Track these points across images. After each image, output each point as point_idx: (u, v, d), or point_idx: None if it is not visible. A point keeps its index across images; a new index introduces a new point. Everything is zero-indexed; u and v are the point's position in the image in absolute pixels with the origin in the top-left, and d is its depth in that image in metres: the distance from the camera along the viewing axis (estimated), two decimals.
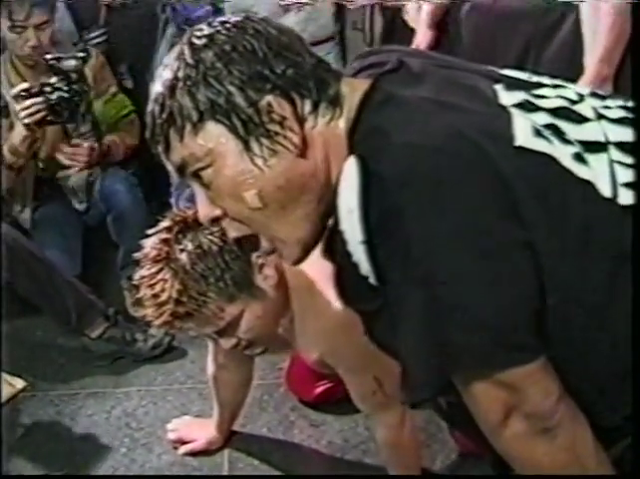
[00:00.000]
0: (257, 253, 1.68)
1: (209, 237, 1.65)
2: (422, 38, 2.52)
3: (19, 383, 2.41)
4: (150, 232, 1.71)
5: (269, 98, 1.05)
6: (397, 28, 2.86)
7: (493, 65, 1.99)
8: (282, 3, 2.85)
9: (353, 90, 1.10)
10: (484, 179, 1.00)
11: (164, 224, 1.69)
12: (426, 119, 1.03)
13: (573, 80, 2.09)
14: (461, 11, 2.39)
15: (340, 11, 2.96)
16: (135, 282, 1.70)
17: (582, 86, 2.02)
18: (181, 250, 1.65)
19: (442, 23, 2.55)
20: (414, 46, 2.53)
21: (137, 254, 1.70)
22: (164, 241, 1.66)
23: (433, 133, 1.01)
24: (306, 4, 2.85)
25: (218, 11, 3.09)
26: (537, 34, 2.20)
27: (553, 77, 2.08)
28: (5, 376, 2.33)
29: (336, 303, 1.57)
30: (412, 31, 2.71)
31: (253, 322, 1.73)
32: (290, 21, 2.84)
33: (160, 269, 1.65)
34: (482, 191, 1.00)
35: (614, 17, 2.05)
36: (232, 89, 1.04)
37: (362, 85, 1.10)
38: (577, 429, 1.06)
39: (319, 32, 2.90)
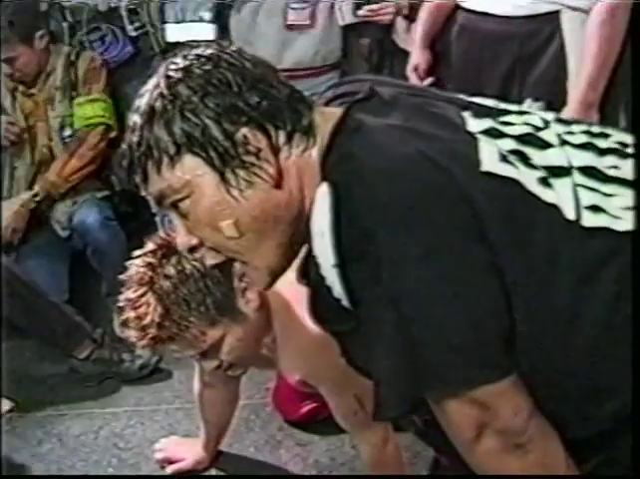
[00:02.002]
0: (240, 277, 1.70)
1: (193, 262, 1.66)
2: (420, 59, 2.54)
3: (6, 404, 2.42)
4: (135, 253, 1.72)
5: (245, 130, 1.07)
6: (386, 48, 2.90)
7: (480, 87, 2.03)
8: (287, 23, 2.87)
9: (326, 119, 1.13)
10: (452, 202, 1.03)
11: (149, 246, 1.71)
12: (395, 145, 1.06)
13: (557, 102, 2.14)
14: (451, 33, 2.42)
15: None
16: (120, 304, 1.72)
17: (569, 112, 2.07)
18: (165, 276, 1.67)
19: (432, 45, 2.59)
20: (411, 67, 2.55)
21: (122, 276, 1.72)
22: (149, 266, 1.68)
23: (402, 158, 1.04)
24: (308, 27, 2.87)
25: (139, 53, 3.16)
26: (522, 57, 2.22)
27: (536, 99, 2.14)
28: None
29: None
30: (401, 51, 2.74)
31: (235, 345, 1.75)
32: (303, 44, 2.88)
33: (144, 293, 1.66)
34: (450, 214, 1.02)
35: (600, 43, 2.09)
36: (208, 122, 1.07)
37: (334, 114, 1.13)
38: (549, 445, 1.08)
39: (329, 56, 2.93)
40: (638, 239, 1.07)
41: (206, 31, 2.97)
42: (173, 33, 3.02)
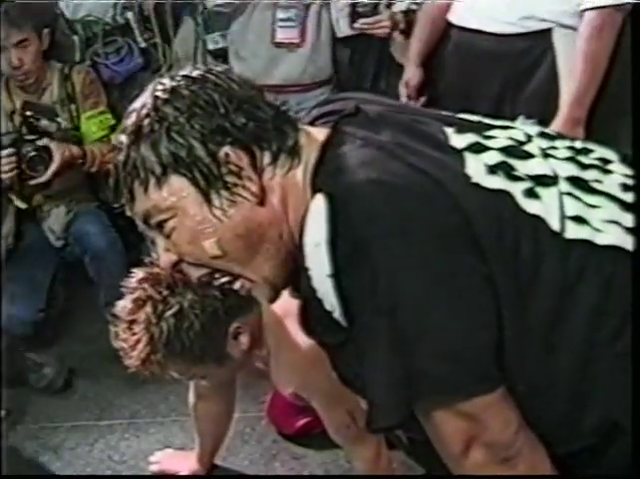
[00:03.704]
0: (237, 324, 1.70)
1: (195, 311, 1.64)
2: (411, 76, 2.57)
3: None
4: (140, 272, 1.69)
5: (226, 149, 1.09)
6: (385, 64, 2.91)
7: (473, 104, 2.05)
8: (275, 41, 2.87)
9: (311, 139, 1.14)
10: (447, 214, 1.04)
11: (156, 270, 1.67)
12: (388, 158, 1.08)
13: (549, 120, 2.16)
14: (444, 51, 2.44)
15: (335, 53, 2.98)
16: (115, 314, 1.71)
17: (555, 128, 2.09)
18: (163, 319, 1.65)
19: (427, 61, 2.61)
20: (403, 83, 2.58)
21: (121, 287, 1.70)
22: (150, 299, 1.65)
23: (395, 170, 1.06)
24: (297, 45, 2.88)
25: (147, 65, 3.17)
26: (515, 75, 2.25)
27: (528, 117, 2.15)
28: None
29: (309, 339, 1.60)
30: (400, 66, 2.75)
31: (216, 380, 1.82)
32: (291, 62, 2.89)
33: (137, 323, 1.66)
34: (445, 225, 1.04)
35: (586, 59, 2.11)
36: (194, 142, 1.09)
37: (320, 132, 1.15)
38: (536, 458, 1.09)
39: (318, 74, 2.93)
40: (638, 255, 1.08)
41: None
42: (216, 41, 3.03)
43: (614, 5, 2.06)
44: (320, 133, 1.15)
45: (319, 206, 1.06)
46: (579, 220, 1.09)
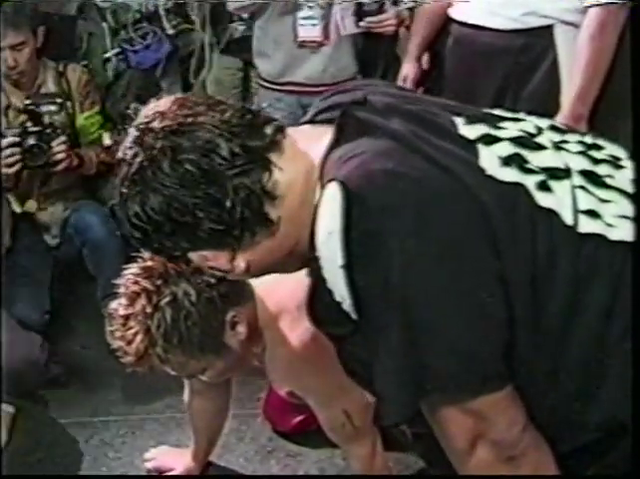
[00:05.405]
0: (233, 313, 1.69)
1: (190, 299, 1.63)
2: (409, 70, 2.57)
3: (9, 408, 2.40)
4: (132, 268, 1.68)
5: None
6: (391, 63, 2.89)
7: (474, 100, 2.04)
8: (298, 40, 2.84)
9: (294, 156, 1.12)
10: (464, 207, 1.03)
11: (148, 263, 1.66)
12: (402, 148, 1.07)
13: (550, 117, 2.14)
14: (445, 46, 2.43)
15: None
16: (109, 312, 1.70)
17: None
18: (159, 308, 1.63)
19: (429, 56, 2.60)
20: (401, 78, 2.57)
21: (117, 286, 1.69)
22: (144, 291, 1.63)
23: (412, 161, 1.05)
24: (320, 44, 2.84)
25: (175, 52, 3.22)
26: (516, 71, 2.24)
27: (529, 114, 2.14)
28: None
29: (305, 337, 1.59)
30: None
31: (217, 374, 1.77)
32: (312, 62, 2.86)
33: (134, 317, 1.64)
34: (462, 219, 1.03)
35: (589, 56, 2.10)
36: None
37: (323, 131, 1.14)
38: (541, 457, 1.09)
39: (340, 73, 2.87)
40: (638, 249, 1.07)
41: None
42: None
43: (618, 2, 2.05)
44: (324, 131, 1.14)
45: (333, 194, 1.04)
46: (592, 214, 1.08)
